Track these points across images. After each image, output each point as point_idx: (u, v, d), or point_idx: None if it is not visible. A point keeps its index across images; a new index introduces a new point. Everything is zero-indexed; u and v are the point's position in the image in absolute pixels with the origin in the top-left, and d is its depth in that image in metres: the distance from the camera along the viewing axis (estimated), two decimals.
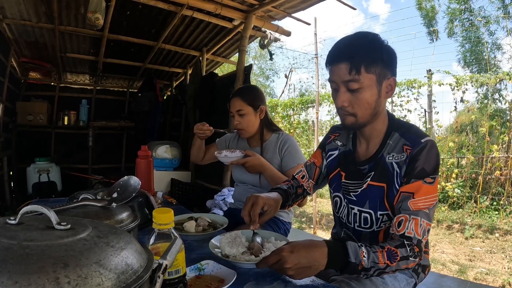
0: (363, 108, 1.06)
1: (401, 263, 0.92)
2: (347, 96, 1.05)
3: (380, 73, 1.03)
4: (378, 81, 1.04)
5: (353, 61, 1.01)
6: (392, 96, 1.11)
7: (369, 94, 1.04)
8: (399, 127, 1.10)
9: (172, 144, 4.68)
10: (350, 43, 1.05)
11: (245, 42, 3.51)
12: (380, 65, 1.02)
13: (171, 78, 5.91)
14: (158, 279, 0.46)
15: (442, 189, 5.07)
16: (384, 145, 1.10)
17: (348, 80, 1.02)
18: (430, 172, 1.00)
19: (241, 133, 1.89)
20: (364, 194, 1.11)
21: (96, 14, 2.75)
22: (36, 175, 4.68)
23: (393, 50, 1.08)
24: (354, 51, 1.02)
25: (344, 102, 1.06)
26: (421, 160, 1.00)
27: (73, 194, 1.04)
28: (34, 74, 5.25)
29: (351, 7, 3.43)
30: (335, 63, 1.05)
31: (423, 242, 0.96)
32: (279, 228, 1.80)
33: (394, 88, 1.09)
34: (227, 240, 1.02)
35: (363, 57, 1.01)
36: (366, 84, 1.02)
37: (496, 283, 2.90)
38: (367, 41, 1.04)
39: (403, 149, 1.05)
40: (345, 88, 1.05)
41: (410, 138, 1.05)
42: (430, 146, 1.02)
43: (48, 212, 0.48)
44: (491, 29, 9.15)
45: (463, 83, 5.11)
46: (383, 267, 0.90)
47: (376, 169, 1.09)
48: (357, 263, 0.88)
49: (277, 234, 1.12)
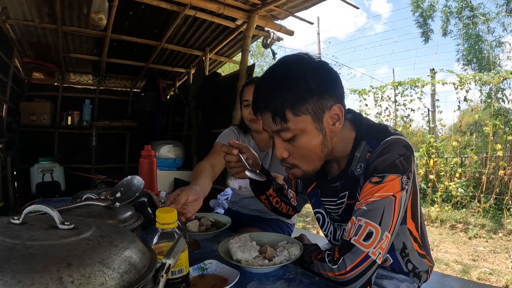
0: (306, 157, 0.91)
1: (319, 264, 0.88)
2: (284, 145, 0.91)
3: (314, 109, 0.86)
4: (316, 120, 0.87)
5: (273, 109, 0.86)
6: (342, 121, 0.90)
7: (308, 138, 0.88)
8: (366, 133, 0.94)
9: (175, 144, 4.69)
10: (267, 85, 0.88)
11: (248, 42, 3.51)
12: (310, 100, 0.85)
13: (174, 78, 5.93)
14: (162, 278, 0.46)
15: (445, 189, 5.06)
16: (353, 159, 0.95)
17: (277, 131, 0.88)
18: (380, 170, 0.85)
19: (255, 122, 1.69)
20: (348, 213, 0.95)
21: (99, 14, 2.76)
22: (39, 175, 4.70)
23: (327, 70, 0.89)
24: (271, 96, 0.86)
25: (283, 153, 0.92)
26: (373, 160, 0.87)
27: (76, 194, 1.04)
28: (37, 75, 5.28)
29: (353, 5, 3.43)
30: (259, 112, 0.91)
31: (356, 242, 0.82)
32: (282, 230, 1.77)
33: (342, 115, 0.89)
34: (237, 244, 0.99)
35: (284, 101, 0.84)
36: (300, 129, 0.86)
37: (500, 283, 2.89)
38: (284, 75, 0.86)
39: (366, 156, 0.92)
40: (279, 138, 0.90)
41: (372, 143, 0.91)
42: (388, 144, 0.87)
43: (52, 211, 0.48)
44: (491, 27, 9.09)
45: (466, 82, 5.09)
46: (309, 261, 0.93)
47: (349, 186, 0.97)
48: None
49: (289, 237, 1.11)
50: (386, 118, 5.99)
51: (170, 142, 4.75)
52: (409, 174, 0.87)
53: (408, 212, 0.96)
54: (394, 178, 0.84)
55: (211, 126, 4.19)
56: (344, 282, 0.81)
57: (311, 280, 0.89)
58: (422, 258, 1.03)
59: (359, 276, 0.80)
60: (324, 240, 1.26)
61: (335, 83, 0.89)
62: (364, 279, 0.80)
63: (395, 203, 0.83)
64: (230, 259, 0.94)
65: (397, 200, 0.84)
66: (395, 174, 0.84)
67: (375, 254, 0.81)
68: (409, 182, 0.86)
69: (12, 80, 4.14)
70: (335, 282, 0.84)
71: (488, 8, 10.22)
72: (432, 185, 5.15)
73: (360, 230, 0.82)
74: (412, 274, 1.04)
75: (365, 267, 0.80)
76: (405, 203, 0.89)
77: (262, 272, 0.93)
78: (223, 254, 0.96)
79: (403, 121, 5.87)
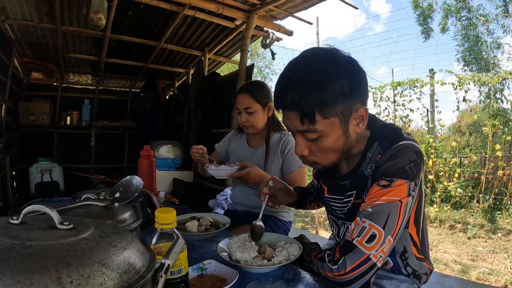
0: (328, 155, 0.91)
1: (319, 264, 0.88)
2: (306, 144, 0.90)
3: (343, 111, 0.85)
4: (343, 122, 0.87)
5: (303, 110, 0.83)
6: (366, 121, 0.91)
7: (332, 139, 0.88)
8: (380, 134, 0.94)
9: (174, 144, 4.69)
10: (297, 83, 0.83)
11: (247, 42, 3.51)
12: (341, 103, 0.83)
13: (173, 78, 5.92)
14: (161, 278, 0.46)
15: (444, 189, 5.06)
16: (364, 159, 0.95)
17: (303, 131, 0.87)
18: (389, 173, 0.84)
19: (247, 129, 1.80)
20: (353, 212, 0.95)
21: (98, 14, 2.76)
22: (38, 175, 4.69)
23: (357, 69, 0.87)
24: (302, 96, 0.82)
25: (304, 151, 0.91)
26: (383, 163, 0.87)
27: (75, 194, 1.04)
28: (36, 75, 5.27)
29: (353, 6, 3.42)
30: (283, 108, 0.89)
31: (358, 243, 0.81)
32: (278, 227, 1.78)
33: (367, 115, 0.89)
34: (236, 244, 0.99)
35: (315, 103, 0.81)
36: (327, 131, 0.86)
37: (499, 283, 2.89)
38: (317, 75, 0.81)
39: (377, 158, 0.91)
40: (302, 137, 0.90)
41: (384, 145, 0.91)
42: (399, 148, 0.87)
43: (51, 211, 0.48)
44: (490, 28, 9.11)
45: (465, 83, 5.10)
46: (309, 260, 0.93)
47: (357, 185, 0.97)
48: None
49: (288, 237, 1.11)
50: (385, 118, 5.99)
51: (169, 142, 4.74)
52: (417, 181, 0.87)
53: (412, 217, 0.97)
54: (402, 183, 0.84)
55: (210, 126, 4.18)
56: (343, 283, 0.81)
57: (310, 280, 0.89)
58: (421, 262, 1.03)
59: (358, 278, 0.80)
60: (324, 240, 1.27)
61: (363, 83, 0.89)
62: (363, 281, 0.80)
63: (400, 208, 0.83)
64: (229, 259, 0.94)
65: (403, 206, 0.84)
66: (403, 179, 0.84)
67: (376, 257, 0.81)
68: (415, 188, 0.86)
69: (11, 80, 4.13)
70: (334, 282, 0.84)
71: (487, 9, 10.22)
72: (431, 185, 5.16)
73: (364, 231, 0.82)
74: (412, 275, 1.04)
75: (365, 269, 0.80)
76: (410, 209, 0.88)
77: (261, 272, 0.93)
78: (222, 254, 0.96)
79: (402, 121, 5.88)
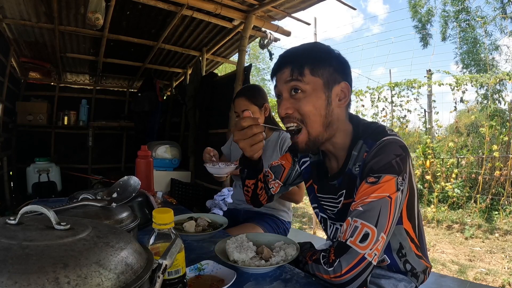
0: (311, 115, 0.94)
1: (314, 266, 0.88)
2: (291, 102, 0.95)
3: (328, 77, 0.94)
4: (326, 86, 0.94)
5: (295, 64, 0.93)
6: (347, 102, 0.99)
7: (315, 98, 0.93)
8: (363, 132, 0.98)
9: (172, 144, 4.68)
10: (295, 50, 0.99)
11: (245, 42, 3.51)
12: (328, 70, 0.94)
13: (171, 78, 5.91)
14: (158, 279, 0.46)
15: (442, 189, 5.08)
16: (350, 157, 0.98)
17: (290, 80, 0.94)
18: (376, 170, 0.86)
19: None
20: (343, 213, 0.97)
21: (96, 14, 2.75)
22: (36, 175, 4.67)
23: (345, 60, 0.99)
24: (298, 54, 0.96)
25: (288, 109, 0.95)
26: (369, 160, 0.89)
27: (73, 194, 1.04)
28: (34, 74, 5.25)
29: (351, 7, 3.43)
30: (278, 71, 0.98)
31: (352, 244, 0.81)
32: (278, 227, 1.81)
33: (349, 95, 0.97)
34: (234, 245, 0.99)
35: (307, 59, 0.93)
36: (311, 87, 0.93)
37: (496, 283, 2.90)
38: (314, 46, 0.99)
39: (363, 156, 0.93)
40: (288, 94, 0.96)
41: (369, 142, 0.94)
42: (384, 144, 0.89)
43: (48, 212, 0.48)
44: (488, 30, 9.14)
45: (463, 83, 5.11)
46: (303, 261, 0.94)
47: (346, 185, 0.98)
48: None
49: (286, 237, 1.11)
50: (382, 119, 6.01)
51: (167, 142, 4.73)
52: (404, 175, 0.88)
53: (404, 212, 0.97)
54: (390, 178, 0.85)
55: (208, 127, 4.18)
56: (340, 284, 0.81)
57: (308, 280, 0.89)
58: (420, 259, 1.04)
59: (355, 278, 0.80)
60: (321, 241, 1.27)
61: (348, 69, 1.00)
62: (360, 280, 0.81)
63: (391, 204, 0.84)
64: (227, 259, 0.94)
65: (393, 201, 0.84)
66: (391, 174, 0.85)
67: (371, 256, 0.81)
68: (404, 183, 0.87)
69: (8, 80, 4.12)
70: (331, 284, 0.84)
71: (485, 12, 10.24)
72: (428, 185, 5.17)
73: (356, 231, 0.82)
74: (410, 274, 1.04)
75: (361, 269, 0.80)
76: (401, 204, 0.89)
77: (259, 273, 0.93)
78: (219, 254, 0.96)
79: (400, 122, 5.90)
